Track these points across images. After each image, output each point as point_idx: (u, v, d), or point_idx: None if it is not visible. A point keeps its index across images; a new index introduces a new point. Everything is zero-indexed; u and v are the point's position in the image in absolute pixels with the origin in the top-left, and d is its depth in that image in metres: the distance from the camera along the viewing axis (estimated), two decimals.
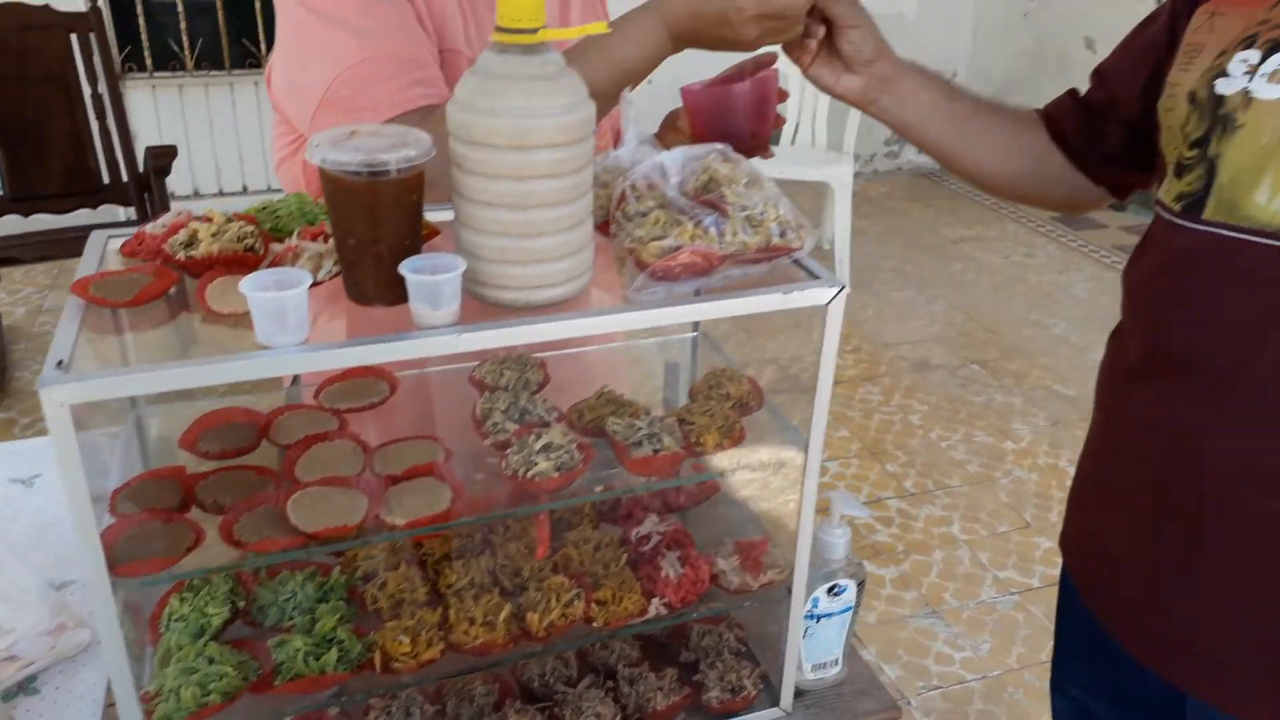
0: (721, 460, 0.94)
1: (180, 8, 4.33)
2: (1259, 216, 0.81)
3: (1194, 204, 0.87)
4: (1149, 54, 1.01)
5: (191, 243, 0.75)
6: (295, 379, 1.03)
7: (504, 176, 0.70)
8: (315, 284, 0.74)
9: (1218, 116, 0.85)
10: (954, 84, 1.12)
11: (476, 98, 0.68)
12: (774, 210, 0.85)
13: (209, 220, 0.76)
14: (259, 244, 0.76)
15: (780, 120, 1.09)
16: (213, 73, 4.47)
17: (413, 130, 0.71)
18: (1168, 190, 0.91)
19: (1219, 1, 0.91)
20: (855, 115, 4.10)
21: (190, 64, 4.44)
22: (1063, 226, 4.99)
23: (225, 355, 0.64)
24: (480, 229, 0.72)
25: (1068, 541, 1.11)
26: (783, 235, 0.85)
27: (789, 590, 0.94)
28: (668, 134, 1.16)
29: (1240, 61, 0.84)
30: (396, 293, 0.70)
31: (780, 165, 4.16)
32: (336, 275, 0.75)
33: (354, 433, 0.88)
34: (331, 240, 0.73)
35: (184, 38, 4.40)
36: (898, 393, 3.45)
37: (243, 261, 0.74)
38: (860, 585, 1.01)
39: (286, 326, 0.65)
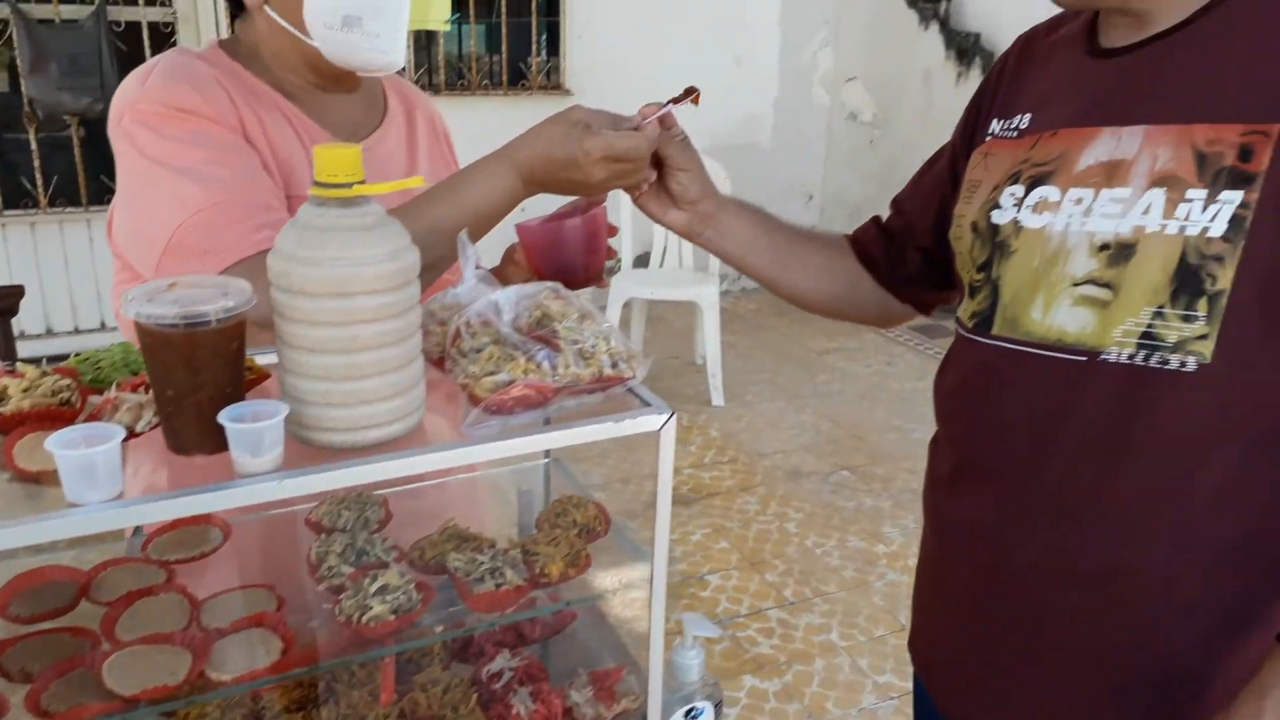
0: (572, 588, 0.95)
1: (34, 145, 4.24)
2: (1036, 330, 0.90)
3: (984, 321, 0.95)
4: (936, 190, 1.12)
5: (1, 399, 0.73)
6: (137, 529, 0.99)
7: (326, 323, 0.71)
8: (134, 435, 0.72)
9: (996, 243, 0.95)
10: (773, 217, 1.20)
11: (296, 249, 0.70)
12: (605, 343, 0.89)
13: (20, 376, 0.74)
14: (75, 397, 0.75)
15: (612, 252, 1.15)
16: (68, 210, 4.35)
17: (234, 280, 0.72)
18: (964, 309, 1.01)
19: (990, 144, 1.02)
20: None
21: (44, 201, 4.31)
22: (920, 336, 5.27)
23: (30, 516, 0.62)
24: (304, 374, 0.73)
25: (914, 644, 1.14)
26: (615, 366, 0.88)
27: (644, 718, 0.94)
28: (507, 267, 1.20)
29: (1009, 195, 0.95)
30: (217, 441, 0.69)
31: (651, 286, 4.31)
32: (157, 426, 0.74)
33: (181, 585, 0.85)
34: (151, 391, 0.73)
35: (38, 175, 4.29)
36: (774, 501, 3.51)
37: (56, 416, 0.73)
38: (718, 706, 1.02)
39: (97, 482, 0.64)
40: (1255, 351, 0.81)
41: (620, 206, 4.31)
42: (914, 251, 1.16)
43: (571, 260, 1.07)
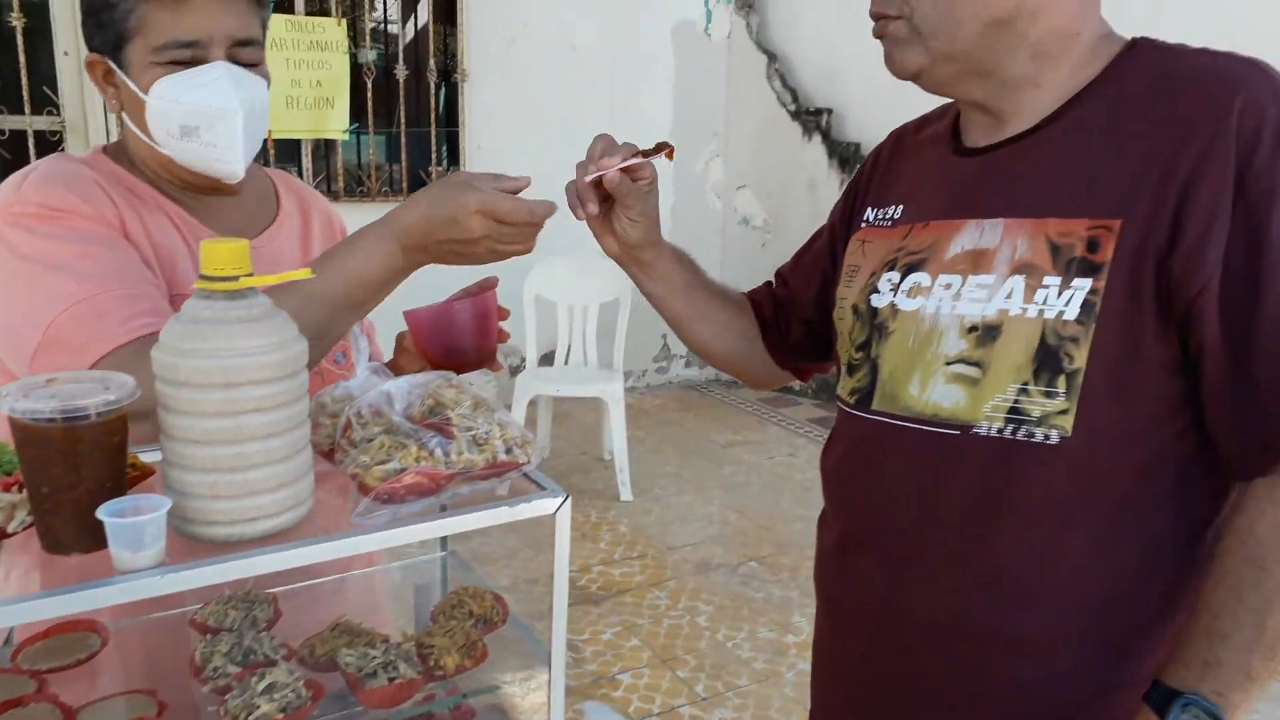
0: (469, 681, 0.94)
1: None
2: (914, 405, 0.96)
3: (865, 397, 1.01)
4: (817, 267, 1.21)
5: None
6: (7, 639, 0.94)
7: (212, 414, 0.71)
8: (6, 536, 0.70)
9: (875, 325, 1.01)
10: (701, 272, 1.24)
11: (181, 341, 0.70)
12: (500, 429, 0.91)
13: None
14: None
15: (504, 335, 1.17)
16: None
17: (115, 374, 0.72)
18: (844, 387, 1.07)
19: (867, 231, 1.10)
20: (623, 335, 4.37)
21: None
22: (819, 427, 5.40)
23: None
24: (189, 466, 0.72)
25: None
26: (509, 452, 0.90)
27: None
28: (399, 355, 1.21)
29: (886, 280, 1.02)
30: (95, 539, 0.68)
31: (556, 383, 4.33)
32: (31, 525, 0.72)
33: (53, 695, 0.81)
34: (25, 490, 0.71)
35: None
36: (684, 595, 3.49)
37: None
38: None
39: None
40: (1107, 424, 0.87)
41: (524, 305, 4.36)
42: (799, 323, 1.24)
43: (461, 343, 1.08)
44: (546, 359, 4.74)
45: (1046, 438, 0.88)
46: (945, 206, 1.00)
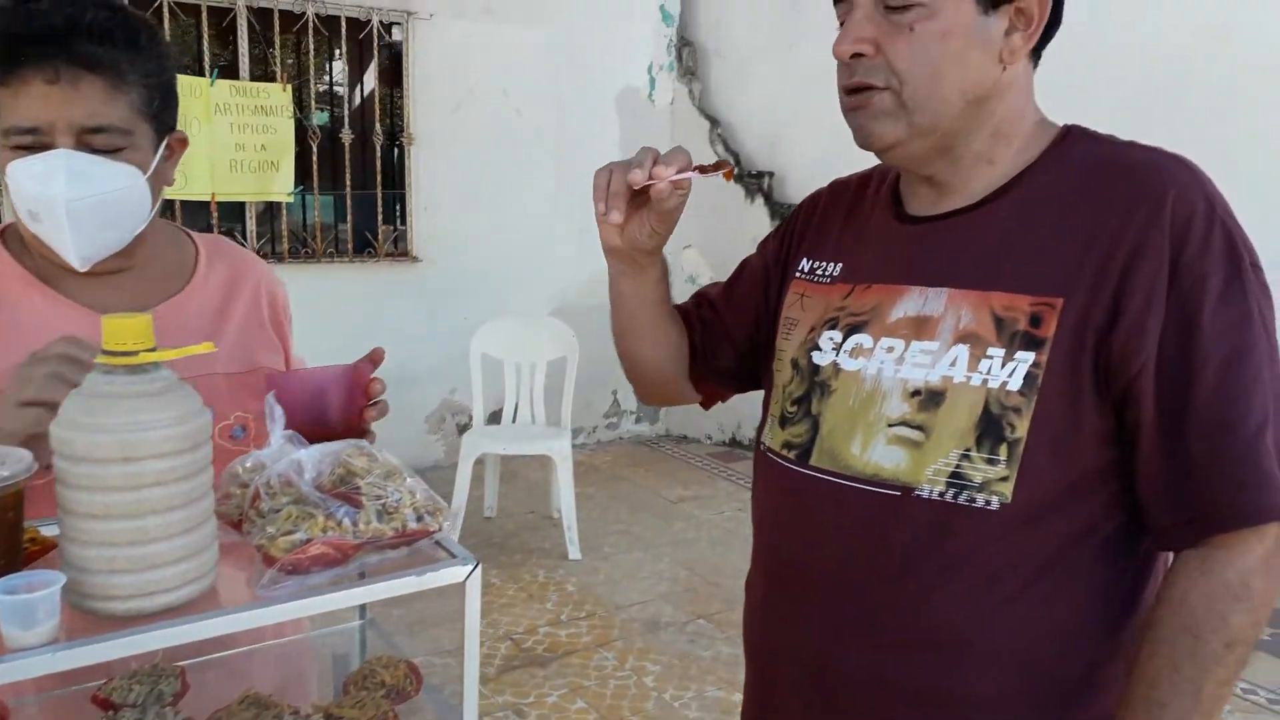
0: None
1: None
2: (855, 465, 0.97)
3: (804, 452, 1.02)
4: (750, 302, 1.20)
5: None
6: None
7: (112, 488, 0.72)
8: None
9: (815, 382, 1.03)
10: (669, 291, 1.20)
11: (80, 415, 0.71)
12: (410, 497, 0.92)
13: None
14: None
15: (383, 409, 1.10)
16: None
17: (12, 450, 0.72)
18: (773, 438, 1.07)
19: (805, 285, 1.11)
20: (570, 393, 4.39)
21: None
22: None
23: None
24: (88, 541, 0.72)
25: None
26: (420, 520, 0.91)
27: None
28: None
29: (828, 339, 1.03)
30: None
31: (503, 442, 4.32)
32: None
33: None
34: None
35: None
36: (631, 655, 3.47)
37: None
38: None
39: None
40: (1045, 492, 0.90)
41: (471, 364, 4.36)
42: (730, 352, 1.21)
43: (325, 413, 1.04)
44: (494, 417, 4.73)
45: (987, 503, 0.90)
46: (888, 271, 1.02)
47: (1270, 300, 0.90)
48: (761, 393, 1.20)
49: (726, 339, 1.22)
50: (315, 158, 4.79)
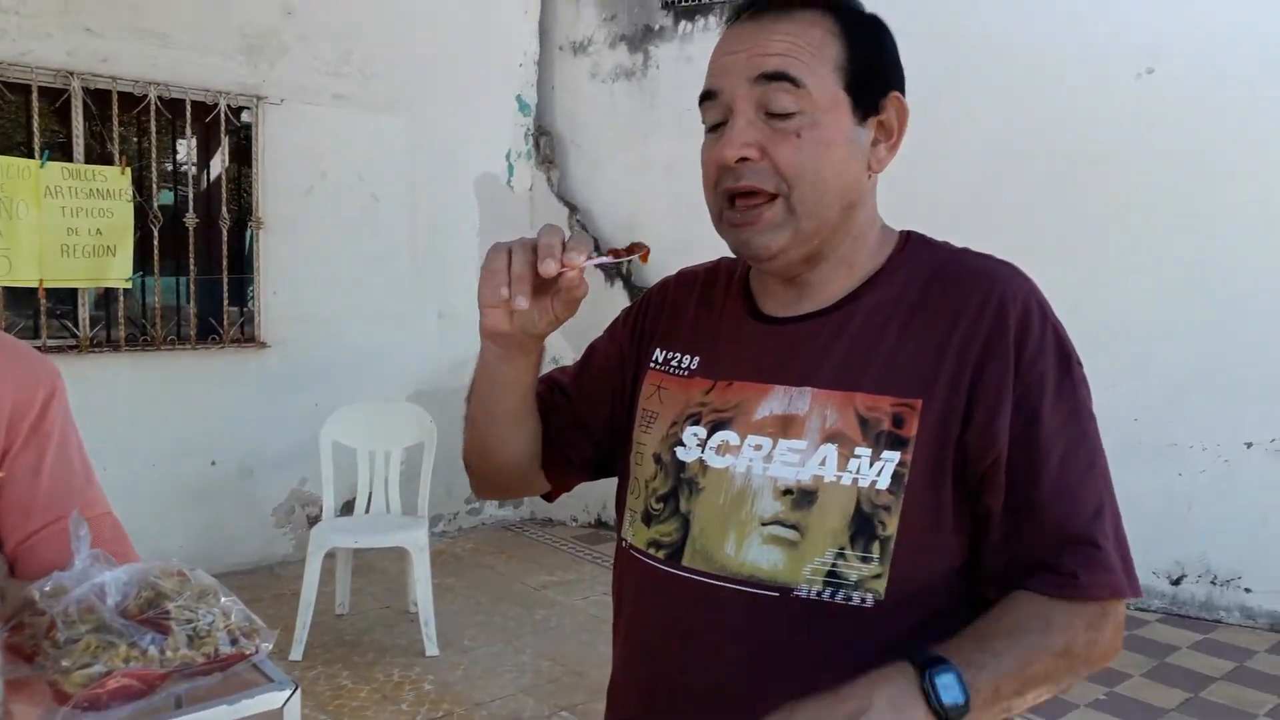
0: None
1: None
2: (730, 565, 0.97)
3: (674, 552, 1.01)
4: (605, 390, 1.17)
5: None
6: None
7: None
8: None
9: (682, 479, 1.02)
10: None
11: None
12: (225, 619, 0.88)
13: None
14: None
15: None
16: None
17: None
18: (637, 535, 1.06)
19: (661, 377, 1.11)
20: (427, 481, 4.29)
21: None
22: None
23: None
24: None
25: None
26: (235, 643, 0.88)
27: None
28: None
29: (692, 435, 1.03)
30: None
31: (355, 534, 4.16)
32: None
33: None
34: None
35: None
36: None
37: None
38: None
39: None
40: (914, 586, 0.93)
41: (321, 453, 4.21)
42: (588, 442, 1.18)
43: None
44: (347, 508, 4.57)
45: (862, 600, 0.92)
46: (749, 369, 1.03)
47: (1089, 391, 0.98)
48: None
49: (581, 427, 1.19)
50: (157, 241, 4.60)
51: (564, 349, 5.91)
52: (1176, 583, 4.41)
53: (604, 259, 0.96)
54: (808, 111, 0.95)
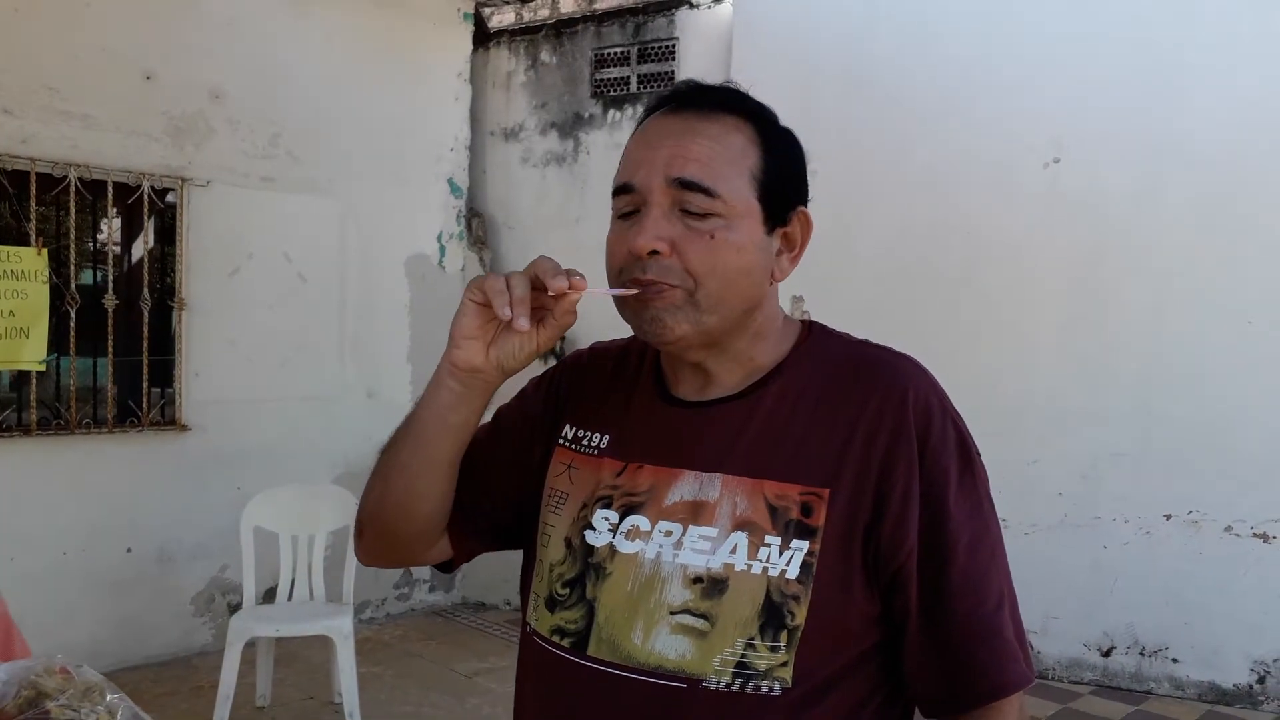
0: None
1: None
2: (636, 655, 0.95)
3: (579, 641, 0.99)
4: (514, 466, 1.13)
5: None
6: None
7: None
8: None
9: (590, 564, 1.01)
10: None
11: None
12: (109, 718, 0.85)
13: None
14: None
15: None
16: None
17: None
18: (540, 621, 1.03)
19: (571, 455, 1.09)
20: (353, 566, 4.16)
21: None
22: None
23: None
24: None
25: None
26: None
27: None
28: None
29: (603, 519, 1.02)
30: None
31: (275, 623, 4.01)
32: None
33: None
34: None
35: None
36: None
37: None
38: None
39: None
40: (821, 674, 0.93)
41: (242, 538, 4.07)
42: (498, 506, 1.14)
43: None
44: (270, 594, 4.41)
45: (770, 689, 0.92)
46: (660, 453, 1.03)
47: (988, 480, 1.01)
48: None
49: (489, 493, 1.14)
50: (74, 323, 4.48)
51: (486, 416, 5.87)
52: (1107, 654, 4.46)
53: (607, 289, 0.99)
54: (722, 215, 0.96)
